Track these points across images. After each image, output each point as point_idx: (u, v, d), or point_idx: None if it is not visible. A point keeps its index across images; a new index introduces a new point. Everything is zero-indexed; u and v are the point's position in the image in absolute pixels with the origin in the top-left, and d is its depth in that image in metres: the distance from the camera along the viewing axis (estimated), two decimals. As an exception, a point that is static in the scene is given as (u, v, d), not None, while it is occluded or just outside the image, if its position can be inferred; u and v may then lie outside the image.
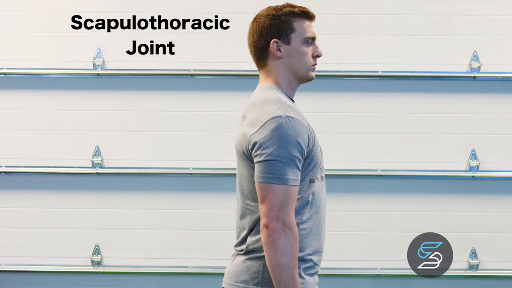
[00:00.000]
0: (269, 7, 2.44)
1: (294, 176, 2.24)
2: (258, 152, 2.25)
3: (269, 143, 2.23)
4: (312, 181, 2.33)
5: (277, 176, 2.22)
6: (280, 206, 2.21)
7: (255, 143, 2.26)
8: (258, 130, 2.26)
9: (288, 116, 2.27)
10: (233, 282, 2.35)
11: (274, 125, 2.24)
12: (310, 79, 2.45)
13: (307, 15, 2.42)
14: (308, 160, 2.31)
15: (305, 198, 2.31)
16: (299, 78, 2.43)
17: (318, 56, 2.44)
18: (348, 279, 4.39)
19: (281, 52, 2.40)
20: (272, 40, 2.40)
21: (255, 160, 2.27)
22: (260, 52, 2.43)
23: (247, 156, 2.31)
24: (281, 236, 2.20)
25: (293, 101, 2.43)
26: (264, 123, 2.26)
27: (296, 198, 2.26)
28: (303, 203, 2.31)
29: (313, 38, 2.43)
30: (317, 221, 2.35)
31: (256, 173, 2.26)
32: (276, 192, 2.22)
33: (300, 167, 2.27)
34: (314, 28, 2.45)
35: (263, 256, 2.30)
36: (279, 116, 2.26)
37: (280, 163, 2.22)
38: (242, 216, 2.39)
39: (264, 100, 2.34)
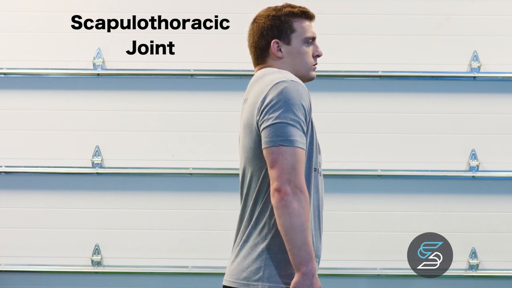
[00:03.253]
0: (269, 7, 2.45)
1: (301, 139, 2.22)
2: (265, 117, 2.24)
3: (275, 107, 2.23)
4: (315, 170, 2.32)
5: (286, 138, 2.20)
6: (291, 169, 2.18)
7: (262, 111, 2.25)
8: (264, 97, 2.26)
9: (291, 80, 2.27)
10: (234, 280, 2.33)
11: (279, 89, 2.25)
12: (311, 78, 2.46)
13: (307, 15, 2.43)
14: (309, 135, 2.29)
15: (308, 190, 2.28)
16: (300, 78, 2.42)
17: (318, 56, 2.45)
18: (348, 279, 4.38)
19: (281, 52, 2.41)
20: (273, 41, 2.40)
21: (262, 127, 2.25)
22: (261, 53, 2.43)
23: (259, 132, 2.28)
24: (293, 199, 2.17)
25: None
26: (269, 90, 2.26)
27: (304, 163, 2.24)
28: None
29: (313, 38, 2.44)
30: (317, 216, 2.35)
31: (264, 139, 2.24)
32: (286, 155, 2.19)
33: (305, 130, 2.26)
34: (314, 28, 2.45)
35: (264, 252, 2.28)
36: (283, 81, 2.26)
37: (288, 125, 2.21)
38: (244, 207, 2.36)
39: (264, 74, 2.36)
